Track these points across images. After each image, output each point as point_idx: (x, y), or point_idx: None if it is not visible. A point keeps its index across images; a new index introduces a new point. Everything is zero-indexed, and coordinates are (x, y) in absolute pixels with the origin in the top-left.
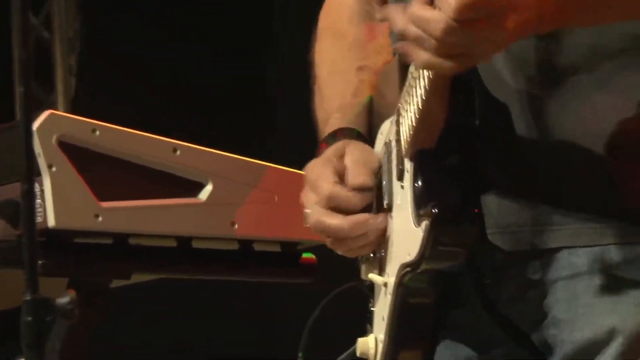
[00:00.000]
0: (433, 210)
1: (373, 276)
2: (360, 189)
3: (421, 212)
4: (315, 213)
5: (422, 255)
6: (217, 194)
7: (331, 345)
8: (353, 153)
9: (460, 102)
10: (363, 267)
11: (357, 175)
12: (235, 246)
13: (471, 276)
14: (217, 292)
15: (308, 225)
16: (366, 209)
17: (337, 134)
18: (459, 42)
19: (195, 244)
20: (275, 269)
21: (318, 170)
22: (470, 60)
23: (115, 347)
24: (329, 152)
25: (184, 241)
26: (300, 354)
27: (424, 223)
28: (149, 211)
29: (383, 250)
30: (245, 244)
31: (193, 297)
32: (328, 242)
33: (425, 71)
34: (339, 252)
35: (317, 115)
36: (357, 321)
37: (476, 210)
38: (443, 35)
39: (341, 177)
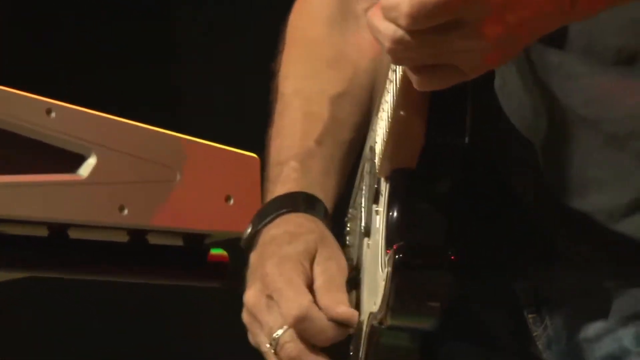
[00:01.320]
0: (396, 256)
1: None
2: (340, 323)
3: (387, 254)
4: (293, 347)
5: (385, 309)
6: (102, 170)
7: None
8: (327, 263)
9: (443, 116)
10: None
11: (338, 303)
12: (124, 237)
13: (499, 308)
14: (114, 292)
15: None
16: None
17: (296, 202)
18: (417, 55)
19: (73, 234)
20: (175, 269)
21: (285, 272)
22: (451, 74)
23: None
24: (298, 248)
25: (58, 229)
26: None
27: (386, 270)
28: (13, 190)
29: (359, 281)
30: (137, 235)
31: (74, 296)
32: None
33: (396, 73)
34: None
35: (271, 145)
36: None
37: (453, 257)
38: (393, 48)
39: (309, 289)
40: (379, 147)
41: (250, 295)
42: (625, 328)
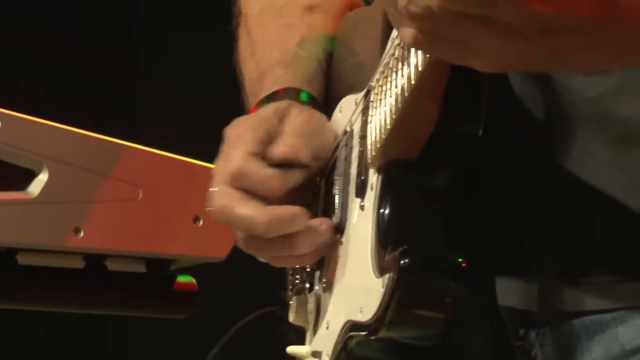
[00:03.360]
0: (402, 262)
1: (294, 349)
2: (284, 166)
3: (386, 257)
4: (222, 194)
5: (380, 320)
6: (54, 187)
7: None
8: (297, 119)
9: (459, 100)
10: (292, 304)
11: (285, 144)
12: (80, 263)
13: (479, 329)
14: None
15: (209, 210)
16: (294, 201)
17: (278, 95)
18: (435, 30)
19: (22, 259)
20: (137, 298)
21: (239, 132)
22: (471, 55)
23: None
24: (268, 109)
25: (6, 254)
26: None
27: (388, 276)
28: None
29: (323, 283)
30: (94, 261)
31: (22, 330)
32: (239, 239)
33: (412, 57)
34: (260, 259)
35: (244, 70)
36: None
37: (464, 265)
38: (418, 20)
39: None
40: (374, 134)
41: (216, 164)
42: None
